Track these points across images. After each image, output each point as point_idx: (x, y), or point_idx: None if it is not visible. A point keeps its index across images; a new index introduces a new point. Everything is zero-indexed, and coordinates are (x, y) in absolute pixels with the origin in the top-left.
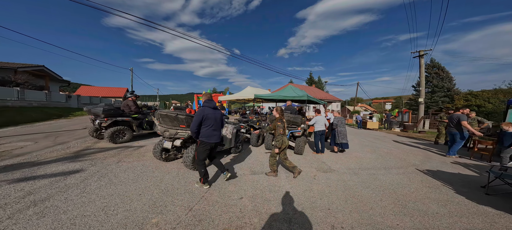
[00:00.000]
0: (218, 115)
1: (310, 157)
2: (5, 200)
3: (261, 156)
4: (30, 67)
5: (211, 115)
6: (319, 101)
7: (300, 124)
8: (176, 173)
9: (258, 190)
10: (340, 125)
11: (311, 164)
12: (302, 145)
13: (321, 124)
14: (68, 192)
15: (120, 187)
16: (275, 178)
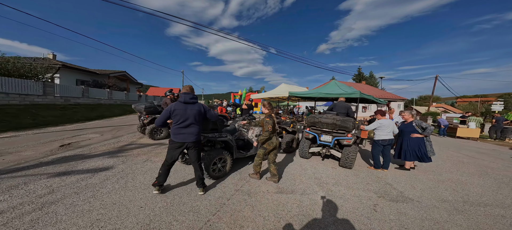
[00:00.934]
0: (192, 111)
1: (365, 174)
2: (25, 198)
3: (293, 166)
4: (116, 73)
5: (180, 110)
6: (379, 100)
7: (352, 129)
8: (191, 182)
9: (284, 219)
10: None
11: (367, 185)
12: (352, 156)
13: (388, 130)
14: (81, 194)
15: (129, 194)
16: (309, 201)
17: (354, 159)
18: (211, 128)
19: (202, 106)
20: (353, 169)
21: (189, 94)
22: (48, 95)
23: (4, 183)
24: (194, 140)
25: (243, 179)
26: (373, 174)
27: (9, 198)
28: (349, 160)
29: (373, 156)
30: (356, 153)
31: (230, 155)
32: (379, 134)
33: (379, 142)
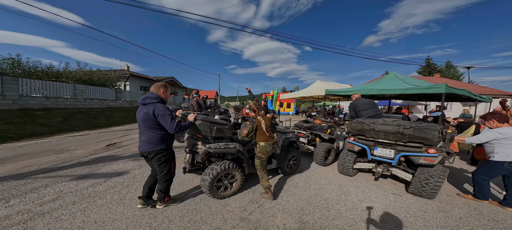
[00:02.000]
0: (141, 114)
1: (461, 209)
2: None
3: (329, 187)
4: (167, 79)
5: (137, 114)
6: (480, 96)
7: (437, 141)
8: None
9: None
10: None
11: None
12: (437, 182)
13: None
14: (76, 205)
15: (120, 209)
16: None
17: (439, 187)
18: (214, 136)
19: (152, 109)
20: (436, 199)
21: (152, 93)
22: (118, 100)
23: (31, 185)
24: (144, 150)
25: (254, 202)
26: (478, 210)
27: (16, 203)
28: (430, 188)
29: (476, 181)
30: (445, 177)
31: (241, 170)
32: (503, 151)
33: (506, 164)
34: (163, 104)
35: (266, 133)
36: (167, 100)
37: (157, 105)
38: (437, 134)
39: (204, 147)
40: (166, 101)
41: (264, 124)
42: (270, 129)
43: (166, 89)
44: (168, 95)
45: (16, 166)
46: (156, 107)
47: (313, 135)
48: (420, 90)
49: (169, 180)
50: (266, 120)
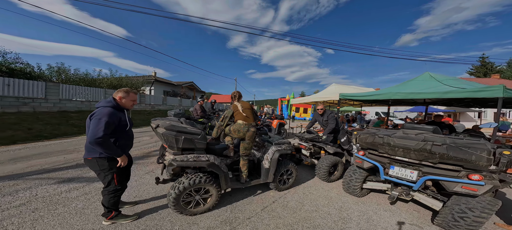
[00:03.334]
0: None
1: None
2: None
3: (325, 206)
4: (186, 84)
5: None
6: None
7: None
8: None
9: None
10: None
11: None
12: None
13: None
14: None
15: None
16: None
17: (479, 224)
18: (181, 147)
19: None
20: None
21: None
22: (142, 104)
23: (16, 187)
24: (84, 156)
25: (227, 223)
26: None
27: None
28: (466, 224)
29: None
30: (491, 212)
31: (216, 186)
32: None
33: None
34: (110, 110)
35: (243, 114)
36: (128, 107)
37: (101, 109)
38: (486, 155)
39: (169, 159)
40: (126, 108)
41: (240, 107)
42: (250, 111)
43: (126, 95)
44: (129, 102)
45: (22, 166)
46: (96, 111)
47: (316, 147)
48: (464, 93)
49: (112, 192)
50: (243, 104)
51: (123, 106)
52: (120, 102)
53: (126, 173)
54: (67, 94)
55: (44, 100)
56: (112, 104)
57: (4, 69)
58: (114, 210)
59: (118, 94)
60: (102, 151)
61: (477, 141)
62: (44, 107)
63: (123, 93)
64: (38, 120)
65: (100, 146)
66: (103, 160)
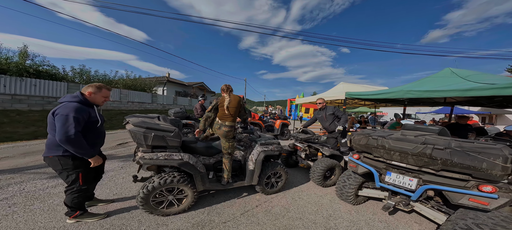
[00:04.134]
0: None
1: None
2: None
3: (312, 214)
4: (197, 84)
5: None
6: None
7: (501, 175)
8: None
9: None
10: None
11: None
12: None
13: None
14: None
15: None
16: None
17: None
18: (151, 145)
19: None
20: None
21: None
22: (154, 103)
23: (12, 180)
24: (43, 155)
25: (199, 226)
26: None
27: None
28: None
29: None
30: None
31: (191, 186)
32: None
33: None
34: (76, 104)
35: (225, 111)
36: (98, 103)
37: (64, 104)
38: (502, 163)
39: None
40: (96, 104)
41: (226, 101)
42: (234, 109)
43: (97, 91)
44: (100, 99)
45: (28, 160)
46: (61, 106)
47: (312, 148)
48: (491, 90)
49: (76, 192)
50: (232, 98)
51: (93, 101)
52: (89, 98)
53: (94, 172)
54: None
55: None
56: (79, 99)
57: (32, 71)
58: (79, 210)
59: (88, 89)
60: (73, 151)
61: (491, 145)
62: None
63: (93, 89)
64: None
65: (72, 145)
66: (66, 158)
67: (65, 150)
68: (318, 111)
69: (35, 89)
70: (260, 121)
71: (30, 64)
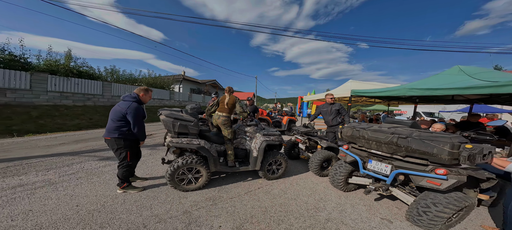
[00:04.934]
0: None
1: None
2: (53, 175)
3: (306, 196)
4: (210, 81)
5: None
6: None
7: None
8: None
9: None
10: None
11: None
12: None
13: None
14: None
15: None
16: None
17: (440, 219)
18: (177, 132)
19: (126, 106)
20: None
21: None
22: (171, 100)
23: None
24: (105, 136)
25: (210, 200)
26: None
27: (49, 173)
28: (427, 218)
29: (511, 214)
30: (456, 208)
31: (206, 167)
32: None
33: None
34: (137, 105)
35: (225, 106)
36: (145, 102)
37: (131, 103)
38: (449, 149)
39: (168, 141)
40: (144, 103)
41: (227, 99)
42: (231, 105)
43: (146, 93)
44: (147, 98)
45: (80, 146)
46: (130, 105)
47: (311, 141)
48: (489, 89)
49: (126, 167)
50: (230, 98)
51: (142, 101)
52: (141, 98)
53: (136, 152)
54: (117, 91)
55: (101, 96)
56: (137, 99)
57: (75, 72)
58: (126, 182)
59: (140, 92)
60: (138, 134)
61: (443, 134)
62: (101, 102)
63: (144, 92)
64: (97, 112)
65: (139, 129)
66: (120, 140)
67: (120, 133)
68: (324, 105)
69: (78, 87)
70: (268, 117)
71: (73, 65)
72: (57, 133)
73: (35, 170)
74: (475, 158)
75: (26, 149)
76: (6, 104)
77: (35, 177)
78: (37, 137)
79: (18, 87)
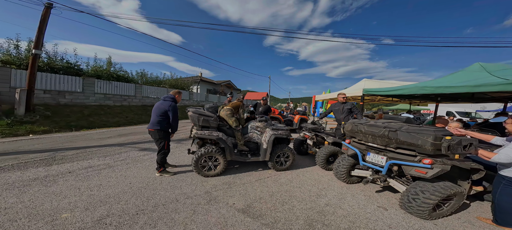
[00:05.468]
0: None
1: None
2: (109, 160)
3: (309, 185)
4: (225, 82)
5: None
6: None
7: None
8: (186, 173)
9: None
10: None
11: None
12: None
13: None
14: (130, 164)
15: (143, 172)
16: None
17: (428, 205)
18: (201, 125)
19: (168, 104)
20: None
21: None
22: (190, 100)
23: (121, 149)
24: (149, 128)
25: (226, 184)
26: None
27: (106, 158)
28: (416, 204)
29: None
30: (441, 195)
31: (223, 156)
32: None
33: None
34: (175, 105)
35: (229, 106)
36: (178, 102)
37: (171, 103)
38: (431, 140)
39: (194, 133)
40: (178, 102)
41: (227, 103)
42: (233, 104)
43: (179, 95)
44: (180, 99)
45: (123, 139)
46: (171, 104)
47: (318, 137)
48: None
49: (163, 154)
50: (232, 103)
51: (177, 101)
52: (177, 98)
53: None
54: (146, 93)
55: (134, 97)
56: (174, 100)
57: (115, 76)
58: (162, 167)
59: (176, 94)
60: (175, 128)
61: (428, 128)
62: (134, 102)
63: (178, 94)
64: (131, 111)
65: (176, 124)
66: (160, 132)
67: (161, 126)
68: (336, 104)
69: (116, 89)
70: (279, 115)
71: (113, 70)
72: (103, 128)
73: (96, 157)
74: (454, 148)
75: (85, 140)
76: (65, 104)
77: (98, 161)
78: (90, 131)
79: (74, 90)
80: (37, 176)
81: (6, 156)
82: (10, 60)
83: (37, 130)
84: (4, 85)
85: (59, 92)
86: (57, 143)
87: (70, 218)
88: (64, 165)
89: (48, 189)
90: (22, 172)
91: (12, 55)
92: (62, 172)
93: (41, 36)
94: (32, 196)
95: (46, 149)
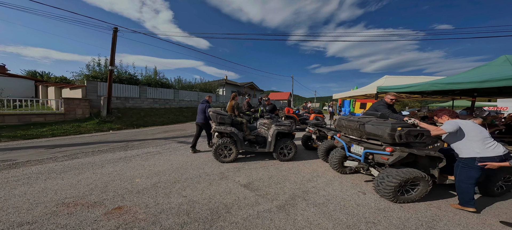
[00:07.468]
0: (201, 106)
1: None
2: (144, 150)
3: (304, 173)
4: (248, 84)
5: (199, 105)
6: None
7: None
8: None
9: None
10: None
11: None
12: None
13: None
14: (171, 153)
15: (184, 154)
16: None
17: (390, 187)
18: (218, 122)
19: (205, 106)
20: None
21: (203, 100)
22: (217, 101)
23: (157, 142)
24: (198, 121)
25: (237, 168)
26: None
27: (141, 149)
28: (382, 187)
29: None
30: (400, 179)
31: (235, 146)
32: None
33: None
34: (209, 105)
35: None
36: (210, 103)
37: (207, 104)
38: (388, 131)
39: (213, 128)
40: (210, 103)
41: (230, 101)
42: (231, 102)
43: (210, 97)
44: (211, 100)
45: (167, 134)
46: (206, 105)
47: (321, 132)
48: (505, 81)
49: (210, 136)
50: (234, 100)
51: (210, 102)
52: (209, 101)
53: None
54: (182, 96)
55: (173, 100)
56: (208, 102)
57: (159, 83)
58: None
59: (209, 98)
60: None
61: (389, 121)
62: (173, 105)
63: (210, 97)
64: (171, 113)
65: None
66: (205, 124)
67: (205, 120)
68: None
69: (161, 94)
70: (294, 114)
71: (158, 78)
72: (153, 126)
73: (151, 146)
74: (405, 137)
75: (143, 135)
76: (129, 108)
77: (152, 149)
78: (145, 128)
79: (133, 96)
80: (120, 157)
81: (100, 144)
82: (97, 75)
83: (114, 127)
84: (93, 94)
85: (125, 98)
86: (127, 136)
87: (140, 181)
88: (133, 151)
89: (128, 165)
90: (112, 154)
91: (96, 71)
92: (133, 155)
93: (113, 55)
94: (120, 168)
95: (122, 140)
